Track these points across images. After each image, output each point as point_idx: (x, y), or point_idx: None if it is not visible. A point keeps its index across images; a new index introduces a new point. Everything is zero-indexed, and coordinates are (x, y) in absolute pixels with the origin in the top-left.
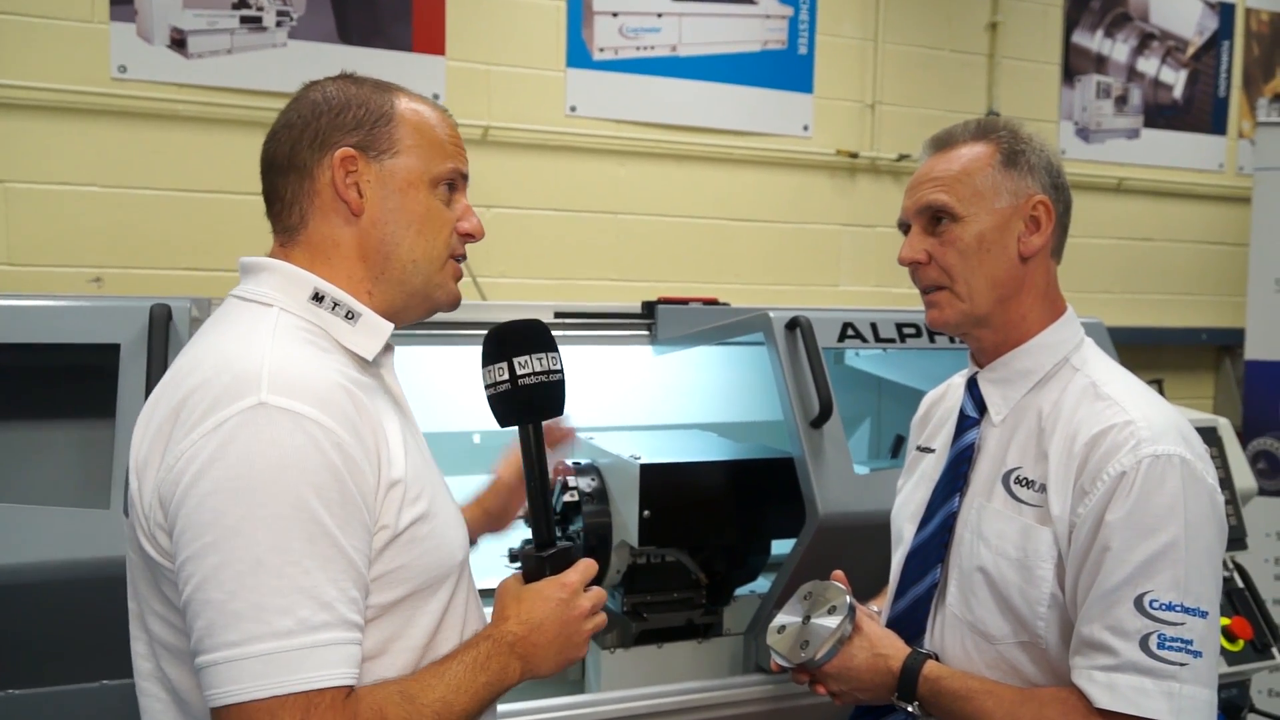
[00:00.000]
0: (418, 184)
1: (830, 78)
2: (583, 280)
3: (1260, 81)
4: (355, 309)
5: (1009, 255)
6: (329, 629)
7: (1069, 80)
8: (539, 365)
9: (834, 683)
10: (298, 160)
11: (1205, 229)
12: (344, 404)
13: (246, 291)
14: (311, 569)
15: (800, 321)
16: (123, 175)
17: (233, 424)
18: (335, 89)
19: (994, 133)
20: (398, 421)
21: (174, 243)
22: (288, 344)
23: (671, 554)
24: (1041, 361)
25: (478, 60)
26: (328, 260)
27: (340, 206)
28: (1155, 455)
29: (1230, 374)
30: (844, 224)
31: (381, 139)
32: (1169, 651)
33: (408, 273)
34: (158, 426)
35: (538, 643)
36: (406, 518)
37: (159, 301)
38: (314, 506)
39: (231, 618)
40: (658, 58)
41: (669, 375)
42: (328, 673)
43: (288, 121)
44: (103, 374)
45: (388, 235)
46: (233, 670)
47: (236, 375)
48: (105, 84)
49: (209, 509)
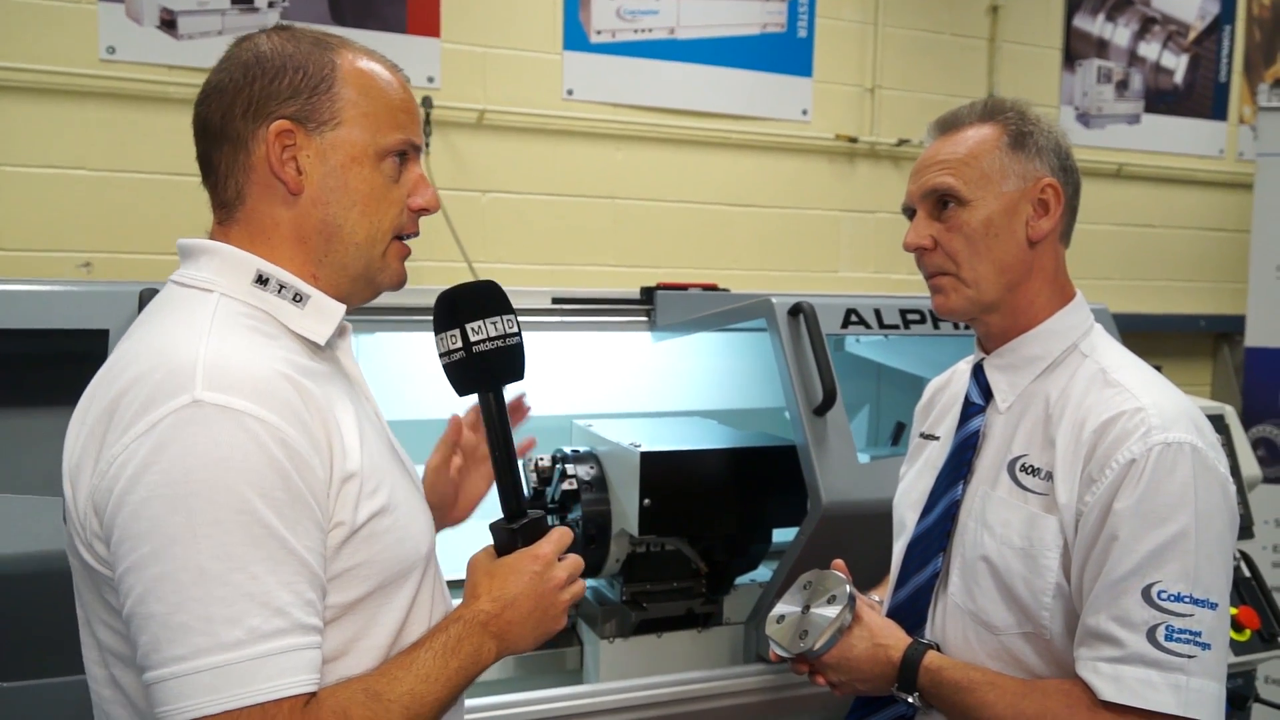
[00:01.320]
0: (362, 159)
1: (830, 62)
2: (579, 266)
3: (1261, 67)
4: (303, 291)
5: (1017, 240)
6: (282, 635)
7: (1070, 65)
8: (494, 330)
9: (833, 673)
10: (230, 130)
11: (1205, 215)
12: (287, 396)
13: (185, 277)
14: (260, 574)
15: (803, 308)
16: (112, 158)
17: (167, 424)
18: (270, 47)
19: (1001, 114)
20: (352, 410)
21: (164, 227)
22: (227, 333)
23: (671, 543)
24: (1050, 347)
25: (473, 42)
26: (267, 241)
27: (277, 184)
28: (1166, 443)
29: (1229, 361)
30: (843, 209)
31: (321, 108)
32: (1177, 643)
33: (349, 255)
34: (90, 429)
35: (512, 619)
36: (364, 512)
37: (149, 286)
38: (258, 508)
39: (177, 631)
40: (655, 40)
41: (668, 362)
42: (284, 681)
43: (218, 84)
44: (93, 360)
45: (329, 216)
46: (182, 686)
47: (171, 370)
48: (93, 65)
49: (146, 517)
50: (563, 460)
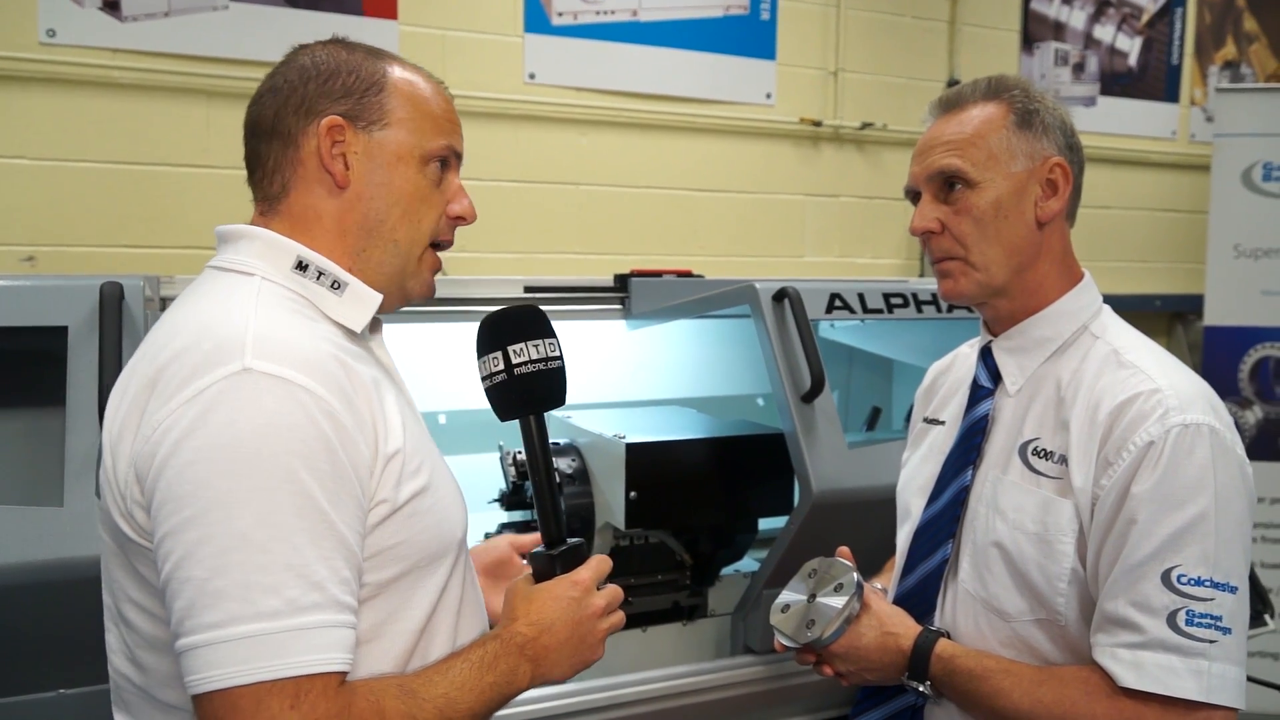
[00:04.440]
0: (408, 159)
1: (793, 44)
2: (546, 254)
3: (1211, 49)
4: (342, 278)
5: (1026, 222)
6: (319, 610)
7: (1028, 48)
8: (535, 353)
9: (841, 663)
10: (282, 127)
11: (1158, 196)
12: (335, 371)
13: (225, 261)
14: (301, 545)
15: (789, 293)
16: (54, 147)
17: (214, 391)
18: (325, 54)
19: (1006, 92)
20: (393, 393)
21: (112, 218)
22: (273, 311)
23: (655, 535)
24: (1060, 329)
25: (432, 25)
26: (308, 231)
27: (325, 177)
28: (1184, 424)
29: (1183, 340)
30: (808, 194)
31: (371, 109)
32: (1198, 628)
33: (387, 254)
34: (133, 398)
35: (549, 645)
36: (407, 491)
37: (110, 280)
38: (303, 478)
39: (214, 597)
40: (618, 23)
41: (643, 350)
42: (318, 657)
43: (273, 86)
44: (49, 359)
45: (372, 211)
46: (215, 654)
47: (218, 342)
48: (33, 49)
49: (189, 480)
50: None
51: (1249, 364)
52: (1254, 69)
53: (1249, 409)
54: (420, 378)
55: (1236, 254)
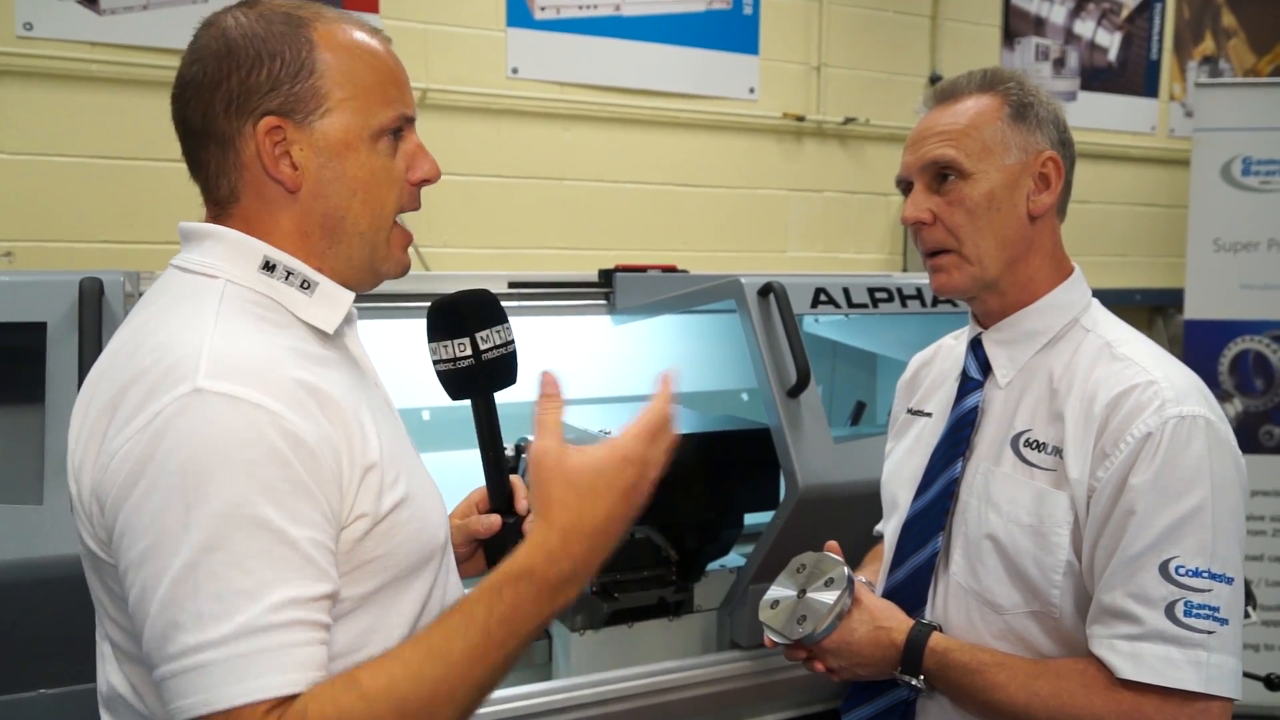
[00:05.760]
0: (356, 143)
1: (775, 39)
2: (529, 249)
3: (1190, 44)
4: (311, 278)
5: (1018, 214)
6: (274, 632)
7: (1009, 42)
8: (498, 338)
9: (833, 658)
10: (214, 130)
11: (1138, 191)
12: (293, 387)
13: (188, 261)
14: (255, 568)
15: (774, 288)
16: (31, 141)
17: (166, 415)
18: (240, 32)
19: (1001, 84)
20: (365, 399)
21: (91, 214)
22: (235, 321)
23: (640, 530)
24: (1051, 322)
25: (414, 19)
26: (268, 236)
27: (273, 183)
28: (1181, 416)
29: (1163, 333)
30: (792, 189)
31: (306, 97)
32: (1196, 619)
33: (354, 246)
34: (93, 421)
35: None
36: (387, 503)
37: (89, 275)
38: (255, 500)
39: (171, 629)
40: (601, 17)
41: (627, 345)
42: (272, 680)
43: (192, 79)
44: (28, 356)
45: (331, 209)
46: (178, 685)
47: (174, 361)
48: (10, 43)
49: (145, 513)
50: (527, 449)
51: (1229, 357)
52: (1232, 64)
53: (1229, 402)
54: (402, 374)
55: (1216, 248)
